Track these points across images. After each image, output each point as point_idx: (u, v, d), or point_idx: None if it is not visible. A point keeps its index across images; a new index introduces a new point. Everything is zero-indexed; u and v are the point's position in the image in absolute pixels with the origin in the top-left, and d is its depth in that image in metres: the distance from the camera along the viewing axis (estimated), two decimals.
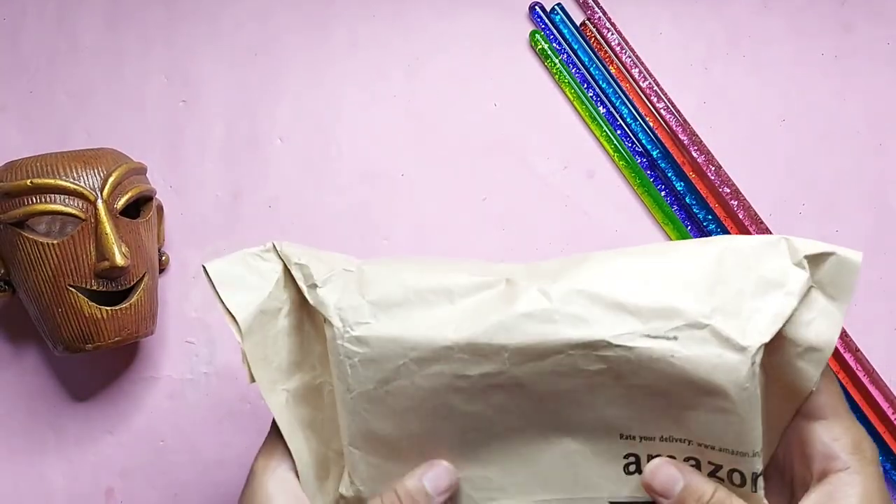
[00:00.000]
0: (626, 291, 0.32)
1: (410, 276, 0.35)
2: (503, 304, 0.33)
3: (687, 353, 0.31)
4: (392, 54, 0.63)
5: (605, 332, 0.32)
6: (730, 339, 0.31)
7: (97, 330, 0.53)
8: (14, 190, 0.51)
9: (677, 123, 0.61)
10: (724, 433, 0.32)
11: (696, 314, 0.32)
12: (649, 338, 0.32)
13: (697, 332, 0.31)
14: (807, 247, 0.33)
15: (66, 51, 0.63)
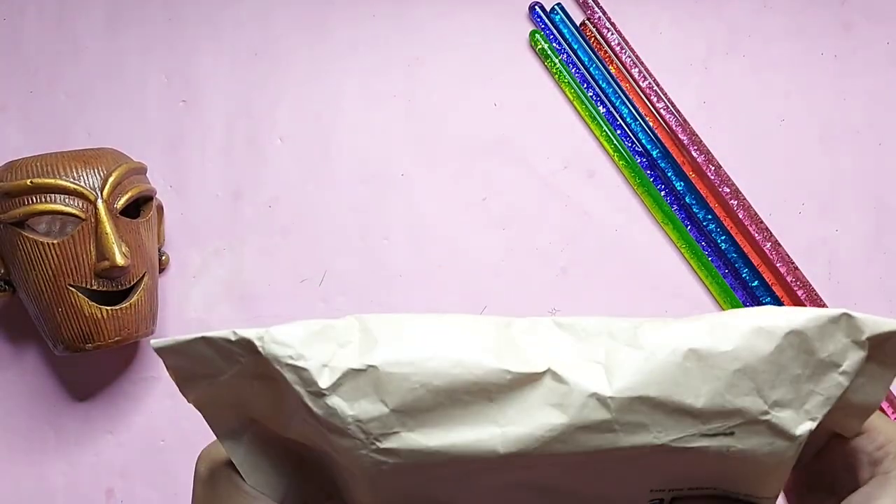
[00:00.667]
0: (690, 395, 0.31)
1: (435, 370, 0.31)
2: (554, 410, 0.31)
3: (742, 447, 0.31)
4: (392, 54, 0.63)
5: (664, 437, 0.31)
6: (784, 430, 0.31)
7: (97, 329, 0.53)
8: (14, 190, 0.51)
9: (677, 123, 0.61)
10: (754, 485, 0.33)
11: (757, 412, 0.31)
12: (707, 437, 0.31)
13: (755, 426, 0.31)
14: (870, 326, 0.33)
15: (66, 51, 0.63)
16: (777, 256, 0.59)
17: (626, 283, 0.60)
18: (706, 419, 0.31)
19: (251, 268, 0.61)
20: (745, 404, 0.31)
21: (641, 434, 0.31)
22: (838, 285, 0.59)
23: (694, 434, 0.31)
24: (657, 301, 0.60)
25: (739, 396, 0.31)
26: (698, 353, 0.31)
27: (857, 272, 0.59)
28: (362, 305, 0.61)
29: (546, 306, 0.60)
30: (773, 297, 0.59)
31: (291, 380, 0.31)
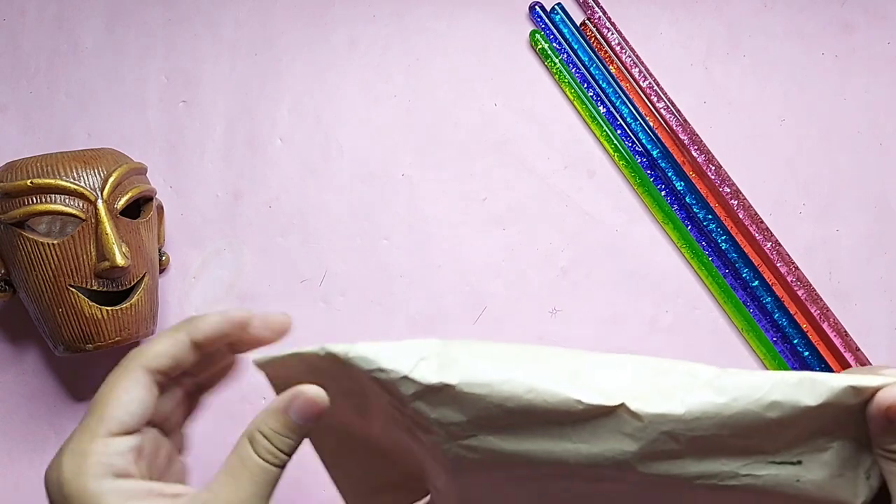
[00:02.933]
0: (766, 438, 0.31)
1: (510, 394, 0.32)
2: (626, 438, 0.32)
3: (811, 478, 0.32)
4: (392, 54, 0.63)
5: (732, 465, 0.32)
6: (849, 458, 0.32)
7: (97, 330, 0.53)
8: (14, 190, 0.51)
9: (677, 123, 0.61)
10: None
11: (823, 442, 0.32)
12: (775, 464, 0.32)
13: (821, 455, 0.32)
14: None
15: (66, 51, 0.63)
16: (777, 256, 0.59)
17: (627, 283, 0.60)
18: (775, 451, 0.31)
19: (251, 268, 0.61)
20: (815, 437, 0.31)
21: (709, 462, 0.31)
22: (839, 285, 0.59)
23: (762, 462, 0.31)
24: (657, 301, 0.60)
25: (812, 433, 0.31)
26: (781, 405, 0.30)
27: (857, 272, 0.59)
28: (362, 305, 0.61)
29: (546, 306, 0.60)
30: (773, 297, 0.59)
31: (377, 390, 0.33)
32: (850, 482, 0.32)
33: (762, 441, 0.31)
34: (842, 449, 0.32)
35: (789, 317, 0.59)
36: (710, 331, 0.59)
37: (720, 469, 0.32)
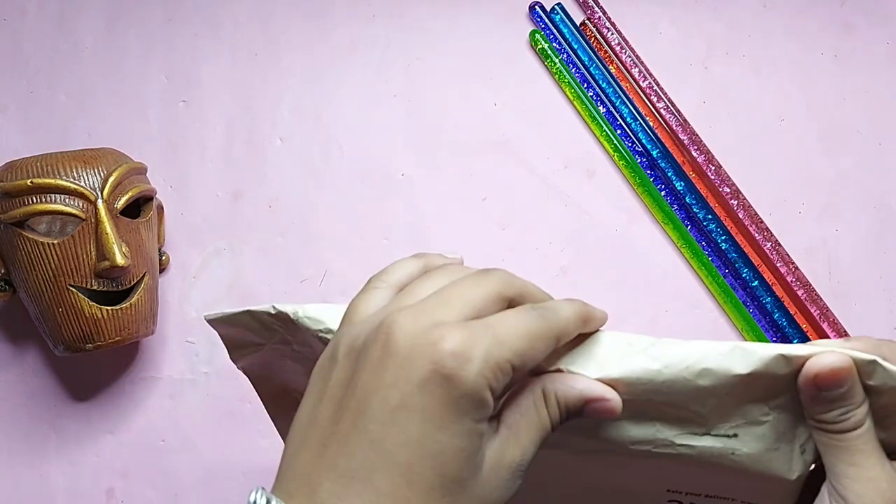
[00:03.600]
0: (697, 404, 0.32)
1: None
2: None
3: (747, 451, 0.32)
4: (392, 54, 0.63)
5: (668, 433, 0.32)
6: (786, 433, 0.32)
7: (98, 330, 0.53)
8: (14, 190, 0.51)
9: (677, 123, 0.61)
10: (771, 497, 0.33)
11: (759, 413, 0.32)
12: (710, 436, 0.32)
13: (756, 428, 0.32)
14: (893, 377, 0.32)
15: (66, 51, 0.63)
16: (777, 256, 0.59)
17: (626, 283, 0.60)
18: (711, 423, 0.32)
19: (251, 268, 0.61)
20: (749, 409, 0.32)
21: (645, 426, 0.32)
22: (838, 285, 0.59)
23: (697, 433, 0.32)
24: (657, 301, 0.60)
25: (745, 403, 0.32)
26: (712, 372, 0.31)
27: (857, 272, 0.59)
28: None
29: None
30: (773, 297, 0.59)
31: (322, 349, 0.33)
32: (785, 456, 0.32)
33: (696, 411, 0.31)
34: (777, 423, 0.32)
35: (789, 317, 0.59)
36: (710, 330, 0.59)
37: (655, 435, 0.32)
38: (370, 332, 0.29)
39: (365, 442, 0.27)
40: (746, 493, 0.34)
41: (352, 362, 0.29)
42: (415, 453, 0.27)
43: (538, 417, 0.29)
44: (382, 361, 0.28)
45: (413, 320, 0.28)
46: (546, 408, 0.30)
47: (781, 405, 0.32)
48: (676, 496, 0.35)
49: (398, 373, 0.27)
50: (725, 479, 0.33)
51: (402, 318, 0.28)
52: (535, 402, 0.30)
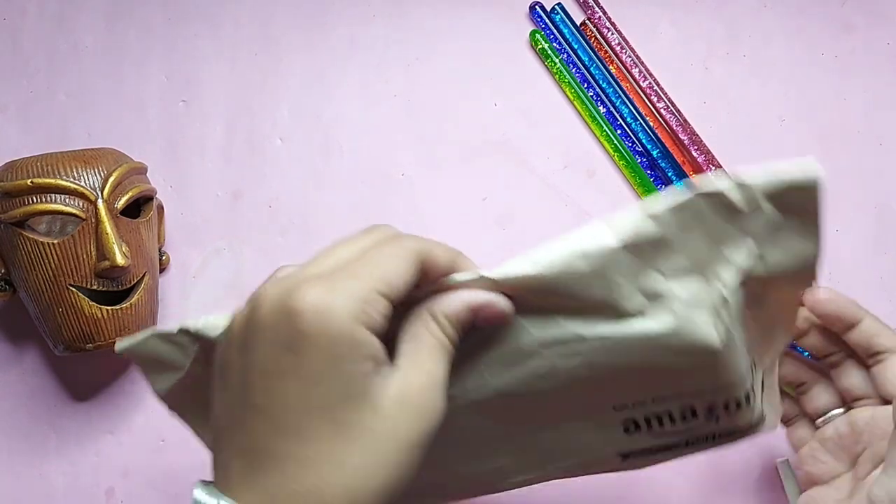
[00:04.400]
0: (583, 291, 0.32)
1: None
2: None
3: (658, 327, 0.31)
4: (392, 54, 0.63)
5: (573, 326, 0.32)
6: (693, 300, 0.31)
7: (98, 329, 0.53)
8: (14, 190, 0.51)
9: (677, 123, 0.61)
10: (712, 379, 0.33)
11: (655, 283, 0.31)
12: (617, 321, 0.31)
13: (659, 300, 0.31)
14: (760, 186, 0.32)
15: (66, 51, 0.63)
16: None
17: None
18: (612, 308, 0.31)
19: (251, 268, 0.61)
20: (643, 282, 0.31)
21: (549, 323, 0.32)
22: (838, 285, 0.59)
23: (602, 321, 0.32)
24: None
25: (633, 277, 0.31)
26: (584, 252, 0.31)
27: (857, 272, 0.59)
28: None
29: None
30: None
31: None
32: (701, 321, 0.31)
33: (591, 298, 0.31)
34: (679, 288, 0.31)
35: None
36: None
37: (563, 333, 0.32)
38: (243, 312, 0.30)
39: (256, 416, 0.28)
40: (688, 385, 0.33)
41: (234, 343, 0.30)
42: (301, 413, 0.27)
43: (432, 338, 0.30)
44: (254, 335, 0.28)
45: (276, 288, 0.28)
46: (438, 327, 0.30)
47: (678, 268, 0.31)
48: (625, 412, 0.34)
49: (267, 342, 0.28)
50: (660, 375, 0.32)
51: (267, 290, 0.29)
52: (426, 324, 0.30)
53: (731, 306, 0.32)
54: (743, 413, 0.34)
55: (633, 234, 0.31)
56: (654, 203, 0.31)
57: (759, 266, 0.32)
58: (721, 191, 0.31)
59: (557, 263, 0.31)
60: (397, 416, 0.28)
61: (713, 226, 0.32)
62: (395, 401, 0.28)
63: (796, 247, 0.33)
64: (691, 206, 0.31)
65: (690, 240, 0.32)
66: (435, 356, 0.30)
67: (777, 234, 0.32)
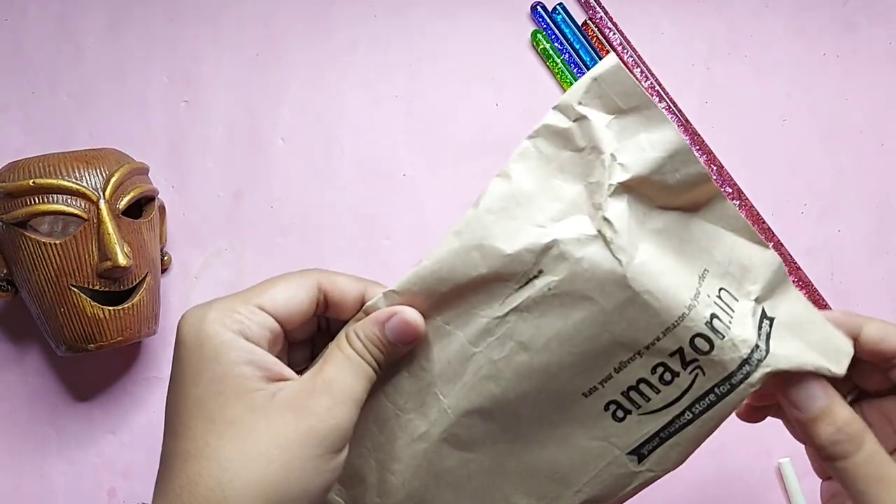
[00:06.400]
0: (471, 268, 0.32)
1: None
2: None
3: (558, 278, 0.31)
4: (393, 54, 0.63)
5: (489, 310, 0.32)
6: (578, 237, 0.31)
7: (99, 330, 0.53)
8: (16, 190, 0.51)
9: (679, 123, 0.61)
10: (649, 316, 0.31)
11: (536, 236, 0.31)
12: (521, 287, 0.31)
13: (549, 252, 0.31)
14: (571, 95, 0.32)
15: (68, 51, 0.63)
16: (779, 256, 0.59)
17: None
18: (506, 277, 0.31)
19: (253, 268, 0.61)
20: (527, 240, 0.31)
21: (468, 318, 0.32)
22: (840, 285, 0.59)
23: (508, 292, 0.31)
24: None
25: (513, 239, 0.31)
26: (457, 230, 0.32)
27: (859, 272, 0.59)
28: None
29: None
30: None
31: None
32: (596, 255, 0.30)
33: (485, 274, 0.31)
34: (562, 232, 0.31)
35: None
36: None
37: (482, 321, 0.32)
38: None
39: (165, 425, 0.31)
40: (634, 335, 0.31)
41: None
42: (182, 412, 0.29)
43: (340, 353, 0.32)
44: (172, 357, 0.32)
45: (185, 313, 0.32)
46: (348, 343, 0.32)
47: (555, 215, 0.31)
48: (599, 396, 0.33)
49: (173, 360, 0.31)
50: (598, 336, 0.31)
51: (182, 315, 0.32)
52: (338, 343, 0.32)
53: (617, 226, 0.30)
54: (720, 348, 0.31)
55: (487, 195, 0.31)
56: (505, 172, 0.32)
57: (620, 172, 0.31)
58: (544, 123, 0.32)
59: (436, 250, 0.32)
60: (282, 415, 0.29)
61: (562, 160, 0.32)
62: (282, 401, 0.29)
63: (650, 137, 0.31)
64: (529, 151, 0.32)
65: (552, 184, 0.32)
66: (340, 367, 0.31)
67: (621, 135, 0.31)
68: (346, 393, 0.30)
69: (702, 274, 0.33)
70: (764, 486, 0.57)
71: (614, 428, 0.33)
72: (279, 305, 0.31)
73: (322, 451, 0.29)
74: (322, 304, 0.33)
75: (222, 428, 0.29)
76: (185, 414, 0.29)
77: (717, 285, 0.33)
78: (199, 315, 0.30)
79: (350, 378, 0.31)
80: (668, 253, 0.32)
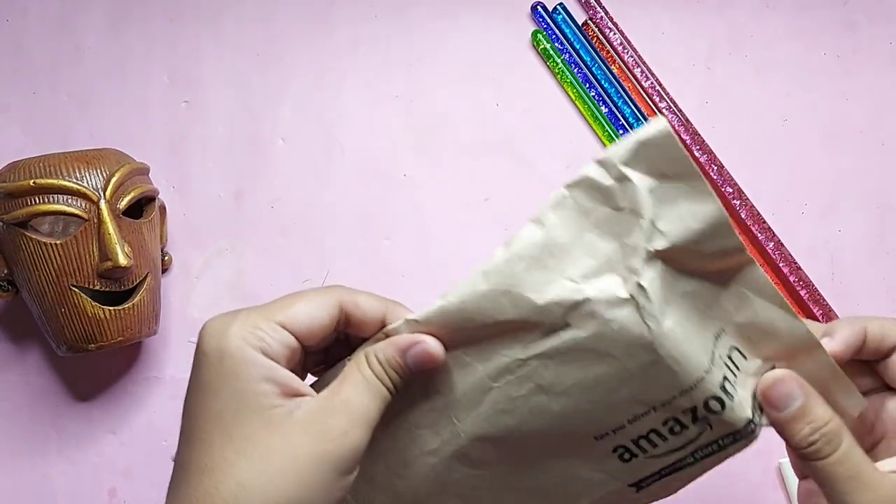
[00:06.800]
0: (499, 312, 0.32)
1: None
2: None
3: (585, 334, 0.31)
4: (394, 54, 0.63)
5: (512, 351, 0.32)
6: (610, 299, 0.31)
7: (100, 330, 0.53)
8: (17, 190, 0.51)
9: (679, 123, 0.61)
10: (668, 377, 0.32)
11: (571, 290, 0.31)
12: (545, 337, 0.32)
13: (579, 307, 0.31)
14: (617, 154, 0.31)
15: (68, 52, 0.63)
16: (780, 256, 0.59)
17: None
18: (532, 325, 0.31)
19: (253, 268, 0.61)
20: (558, 294, 0.31)
21: (489, 355, 0.32)
22: (841, 285, 0.59)
23: (534, 339, 0.32)
24: None
25: (543, 290, 0.31)
26: (486, 271, 0.31)
27: (859, 272, 0.59)
28: None
29: None
30: None
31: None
32: (628, 318, 0.30)
33: (513, 319, 0.31)
34: (592, 289, 0.31)
35: None
36: None
37: (504, 360, 0.32)
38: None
39: (180, 431, 0.31)
40: (651, 392, 0.32)
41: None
42: (201, 424, 0.30)
43: (359, 374, 0.32)
44: (192, 364, 0.32)
45: (206, 323, 0.32)
46: (367, 365, 0.32)
47: (587, 271, 0.31)
48: (608, 440, 0.34)
49: (192, 367, 0.31)
50: (617, 389, 0.32)
51: (204, 325, 0.32)
52: (357, 363, 0.32)
53: (650, 292, 0.31)
54: (731, 408, 0.32)
55: (519, 241, 0.31)
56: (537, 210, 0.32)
57: (659, 239, 0.31)
58: (584, 175, 0.31)
59: (463, 288, 0.31)
60: (299, 435, 0.30)
61: (600, 216, 0.31)
62: (299, 421, 0.30)
63: (692, 208, 0.31)
64: (566, 202, 0.31)
65: (586, 238, 0.31)
66: (358, 390, 0.31)
67: (662, 202, 0.31)
68: (362, 414, 0.31)
69: (718, 334, 0.34)
70: (764, 486, 0.57)
71: (619, 467, 0.34)
72: (300, 324, 0.32)
73: (336, 471, 0.30)
74: (343, 322, 0.33)
75: (240, 443, 0.29)
76: (204, 426, 0.30)
77: (729, 344, 0.34)
78: (222, 327, 0.31)
79: (367, 400, 0.31)
80: (691, 316, 0.33)
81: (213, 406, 0.30)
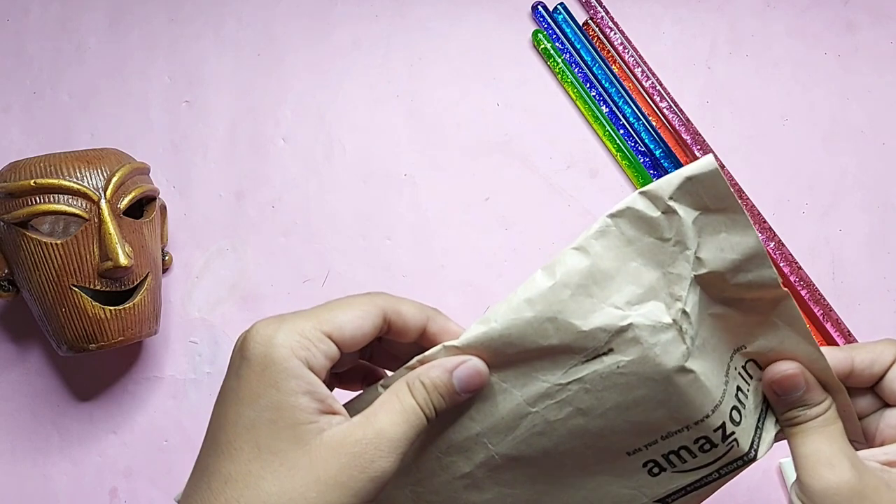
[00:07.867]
0: (542, 337, 0.32)
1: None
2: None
3: (628, 359, 0.32)
4: (395, 54, 0.63)
5: (551, 376, 0.32)
6: (654, 324, 0.31)
7: (101, 330, 0.53)
8: (18, 190, 0.51)
9: (680, 123, 0.61)
10: (705, 397, 0.33)
11: (617, 318, 0.32)
12: (589, 361, 0.32)
13: (626, 334, 0.32)
14: (665, 188, 0.32)
15: (69, 51, 0.63)
16: (780, 256, 0.59)
17: None
18: (574, 350, 0.32)
19: (254, 268, 0.61)
20: (603, 320, 0.32)
21: (529, 385, 0.33)
22: (842, 285, 0.59)
23: (575, 364, 0.32)
24: None
25: (588, 316, 0.32)
26: (529, 298, 0.32)
27: (860, 272, 0.59)
28: None
29: None
30: None
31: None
32: (669, 346, 0.31)
33: (555, 344, 0.32)
34: (638, 317, 0.31)
35: None
36: None
37: (543, 385, 0.32)
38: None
39: (206, 436, 0.31)
40: (685, 413, 0.33)
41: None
42: (231, 432, 0.30)
43: (398, 402, 0.31)
44: (229, 366, 0.31)
45: (252, 327, 0.31)
46: (409, 391, 0.32)
47: (632, 298, 0.32)
48: (640, 455, 0.35)
49: (228, 369, 0.31)
50: (654, 410, 0.33)
51: (250, 329, 0.31)
52: (397, 390, 0.32)
53: (692, 316, 0.32)
54: (742, 431, 0.34)
55: (563, 268, 0.32)
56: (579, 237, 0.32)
57: (700, 267, 0.32)
58: (627, 205, 0.32)
59: (507, 315, 0.32)
60: (326, 458, 0.29)
61: (644, 245, 0.32)
62: (328, 443, 0.30)
63: (731, 240, 0.32)
64: (610, 231, 0.32)
65: (631, 266, 0.32)
66: (395, 419, 0.31)
67: (704, 233, 0.32)
68: (395, 445, 0.31)
69: (736, 349, 0.35)
70: (765, 486, 0.57)
71: (647, 481, 0.35)
72: (346, 336, 0.31)
73: (358, 498, 0.30)
74: (384, 330, 0.33)
75: (267, 457, 0.29)
76: (233, 433, 0.30)
77: (743, 360, 0.35)
78: (268, 334, 0.30)
79: (402, 430, 0.31)
80: (716, 334, 0.34)
81: (247, 414, 0.29)
